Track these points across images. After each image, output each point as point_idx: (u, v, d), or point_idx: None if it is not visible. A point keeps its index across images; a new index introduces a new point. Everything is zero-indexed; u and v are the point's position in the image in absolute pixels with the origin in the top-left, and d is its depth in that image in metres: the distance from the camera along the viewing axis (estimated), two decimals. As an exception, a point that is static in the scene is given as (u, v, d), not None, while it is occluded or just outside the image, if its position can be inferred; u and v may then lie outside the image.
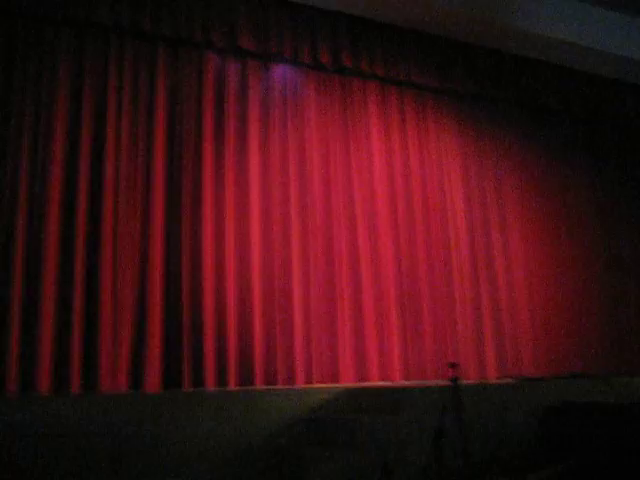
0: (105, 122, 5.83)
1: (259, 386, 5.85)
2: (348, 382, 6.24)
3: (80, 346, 5.33)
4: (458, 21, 7.26)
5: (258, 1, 6.56)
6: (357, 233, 6.74)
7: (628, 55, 8.17)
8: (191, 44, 6.33)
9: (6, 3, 5.58)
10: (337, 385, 6.02)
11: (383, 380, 6.50)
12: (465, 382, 6.27)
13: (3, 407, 4.52)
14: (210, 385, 5.69)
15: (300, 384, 6.04)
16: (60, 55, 5.80)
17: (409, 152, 7.34)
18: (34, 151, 5.56)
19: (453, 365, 4.58)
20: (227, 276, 5.99)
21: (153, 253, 5.75)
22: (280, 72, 6.83)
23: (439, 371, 6.72)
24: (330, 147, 6.86)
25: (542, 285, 7.83)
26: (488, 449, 5.10)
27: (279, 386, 5.92)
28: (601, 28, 8.03)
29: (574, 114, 8.50)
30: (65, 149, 5.65)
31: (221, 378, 5.79)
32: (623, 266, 8.42)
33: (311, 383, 6.11)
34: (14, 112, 5.55)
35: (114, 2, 5.88)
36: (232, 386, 5.76)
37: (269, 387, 5.80)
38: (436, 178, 7.44)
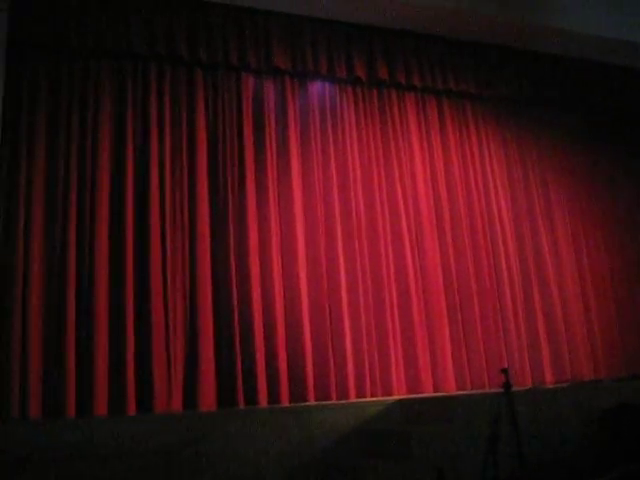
0: (149, 150, 5.97)
1: (312, 402, 5.86)
2: (401, 395, 6.19)
3: (134, 369, 5.45)
4: (491, 26, 7.25)
5: (291, 20, 6.66)
6: (403, 244, 6.72)
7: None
8: (228, 67, 6.45)
9: (49, 37, 5.78)
10: (389, 397, 5.99)
11: (436, 392, 6.43)
12: (518, 388, 6.21)
13: (62, 429, 4.67)
14: (263, 403, 5.72)
15: (352, 399, 6.01)
16: (103, 86, 5.98)
17: (452, 160, 7.31)
18: (82, 183, 5.72)
19: (504, 371, 4.53)
20: (275, 293, 6.04)
21: (202, 275, 5.84)
22: (317, 89, 6.90)
23: (493, 380, 6.62)
24: (372, 160, 6.88)
25: (595, 288, 7.70)
26: (543, 453, 5.02)
27: (331, 401, 5.92)
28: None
29: (620, 113, 8.36)
30: (111, 178, 5.81)
31: (273, 395, 5.82)
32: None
33: (363, 397, 6.08)
34: (61, 149, 5.74)
35: (149, 32, 6.07)
36: (284, 403, 5.79)
37: (321, 402, 5.81)
38: (481, 185, 7.39)
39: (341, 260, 6.40)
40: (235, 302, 5.89)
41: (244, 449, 4.93)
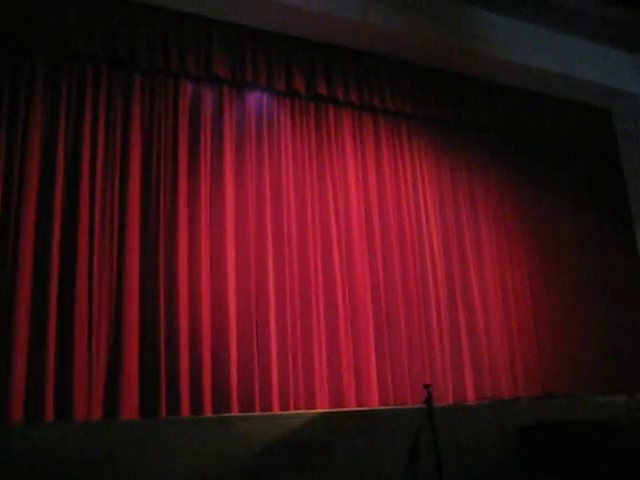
0: (80, 152, 5.83)
1: (234, 413, 5.81)
2: (324, 408, 6.19)
3: (54, 374, 5.28)
4: (429, 48, 7.43)
5: (233, 30, 6.66)
6: (332, 258, 6.75)
7: (599, 81, 8.40)
8: (166, 72, 6.39)
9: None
10: (312, 410, 6.00)
11: (360, 406, 6.46)
12: (440, 404, 6.32)
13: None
14: (185, 413, 5.63)
15: (276, 411, 6.00)
16: (36, 83, 5.83)
17: (384, 178, 7.39)
18: (9, 182, 5.56)
19: (427, 386, 4.61)
20: (202, 303, 5.96)
21: (129, 281, 5.73)
22: (255, 100, 6.91)
23: (417, 395, 6.70)
24: (305, 174, 6.91)
25: (518, 307, 7.91)
26: (463, 468, 5.13)
27: (254, 413, 5.88)
28: (574, 56, 8.23)
29: (550, 140, 8.69)
30: (39, 179, 5.64)
31: (196, 405, 5.72)
32: (599, 288, 8.53)
33: (287, 410, 6.06)
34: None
35: (89, 32, 5.95)
36: (207, 413, 5.70)
37: (243, 414, 5.77)
38: (412, 204, 7.50)
39: (270, 273, 6.38)
40: (162, 310, 5.79)
41: (164, 460, 4.86)
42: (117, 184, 5.94)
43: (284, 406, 6.09)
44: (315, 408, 6.17)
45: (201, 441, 5.01)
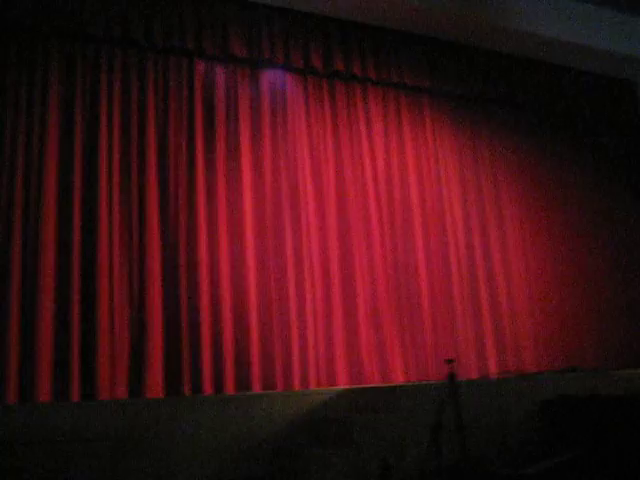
0: (97, 131, 5.86)
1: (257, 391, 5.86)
2: (345, 385, 6.22)
3: (79, 356, 5.37)
4: (450, 22, 7.32)
5: (249, 8, 6.61)
6: (351, 237, 6.75)
7: (622, 52, 8.21)
8: (182, 52, 6.37)
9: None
10: (335, 387, 6.04)
11: (383, 382, 6.49)
12: (463, 379, 6.32)
13: (4, 415, 4.60)
14: (208, 391, 5.71)
15: (297, 389, 6.03)
16: (51, 67, 5.85)
17: (406, 154, 7.36)
18: (28, 169, 5.61)
19: (450, 361, 4.60)
20: (223, 282, 6.00)
21: (151, 263, 5.77)
22: (272, 78, 6.87)
23: (439, 370, 6.72)
24: (322, 151, 6.89)
25: (541, 281, 7.86)
26: (486, 443, 5.13)
27: (277, 390, 5.93)
28: (599, 26, 8.07)
29: (570, 113, 8.55)
30: (58, 163, 5.69)
31: (218, 384, 5.80)
32: (622, 262, 8.45)
33: (308, 387, 6.10)
34: (8, 123, 5.61)
35: (106, 14, 5.95)
36: (229, 392, 5.77)
37: (266, 391, 5.81)
38: (434, 179, 7.46)
39: (289, 252, 6.39)
40: (183, 290, 5.84)
41: (190, 437, 4.93)
42: (135, 168, 5.96)
43: (304, 385, 6.13)
44: (336, 386, 6.20)
45: (225, 418, 5.08)
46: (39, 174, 5.60)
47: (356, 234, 6.79)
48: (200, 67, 6.49)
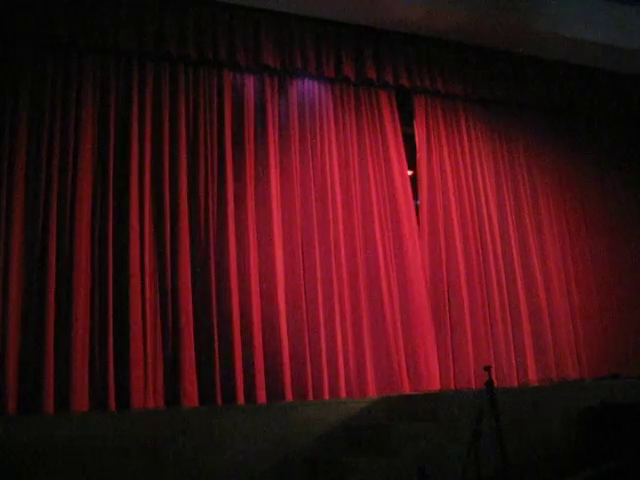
0: (129, 146, 5.93)
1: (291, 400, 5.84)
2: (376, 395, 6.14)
3: (114, 366, 5.41)
4: (481, 28, 7.27)
5: (280, 19, 6.65)
6: (377, 244, 6.68)
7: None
8: (214, 64, 6.43)
9: (35, 26, 5.71)
10: (372, 395, 5.98)
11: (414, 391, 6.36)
12: (503, 386, 6.24)
13: (41, 425, 4.68)
14: (241, 400, 5.69)
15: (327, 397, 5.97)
16: (85, 82, 5.94)
17: (444, 162, 7.33)
18: (63, 180, 5.68)
19: (488, 368, 4.54)
20: (252, 292, 6.00)
21: (182, 272, 5.81)
22: (301, 87, 6.91)
23: (478, 378, 6.62)
24: (353, 159, 6.88)
25: (580, 288, 7.73)
26: (526, 451, 5.06)
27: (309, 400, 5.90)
28: (632, 28, 7.92)
29: (607, 116, 8.43)
30: (93, 176, 5.78)
31: (251, 394, 5.76)
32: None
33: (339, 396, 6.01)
34: (43, 140, 5.70)
35: (137, 28, 6.04)
36: (262, 401, 5.74)
37: (303, 401, 5.79)
38: (471, 186, 7.40)
39: (317, 259, 6.37)
40: (214, 300, 5.87)
41: (225, 446, 4.94)
42: (166, 178, 6.00)
43: (333, 394, 6.03)
44: (367, 395, 6.10)
45: (262, 427, 5.08)
46: (72, 194, 5.66)
47: (387, 244, 6.75)
48: (232, 78, 6.55)
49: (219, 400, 5.60)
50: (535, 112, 8.12)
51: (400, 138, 7.17)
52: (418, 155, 7.24)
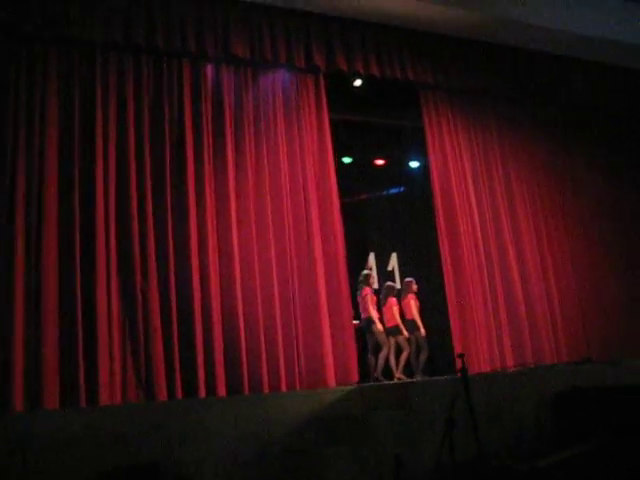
0: (94, 134, 5.86)
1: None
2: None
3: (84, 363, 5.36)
4: (458, 19, 7.31)
5: (249, 9, 6.58)
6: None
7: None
8: (185, 55, 6.37)
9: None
10: (347, 385, 5.98)
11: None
12: (476, 373, 6.29)
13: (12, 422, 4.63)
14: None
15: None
16: (49, 74, 5.85)
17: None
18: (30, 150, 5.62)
19: (461, 356, 4.57)
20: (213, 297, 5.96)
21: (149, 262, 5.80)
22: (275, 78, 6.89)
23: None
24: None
25: (558, 272, 7.86)
26: (500, 436, 5.11)
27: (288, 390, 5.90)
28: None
29: (580, 103, 8.51)
30: (59, 153, 5.73)
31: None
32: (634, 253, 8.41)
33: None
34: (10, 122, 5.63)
35: (107, 21, 5.96)
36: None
37: (279, 392, 5.80)
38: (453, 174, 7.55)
39: (274, 267, 6.33)
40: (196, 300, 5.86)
41: (202, 437, 4.94)
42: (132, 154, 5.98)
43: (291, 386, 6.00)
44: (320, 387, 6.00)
45: (238, 418, 5.09)
46: (39, 190, 5.59)
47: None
48: (204, 69, 6.52)
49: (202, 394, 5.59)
50: (509, 103, 8.20)
51: (326, 124, 7.01)
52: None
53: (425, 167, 7.73)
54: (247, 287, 6.08)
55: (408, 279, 8.04)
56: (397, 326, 7.44)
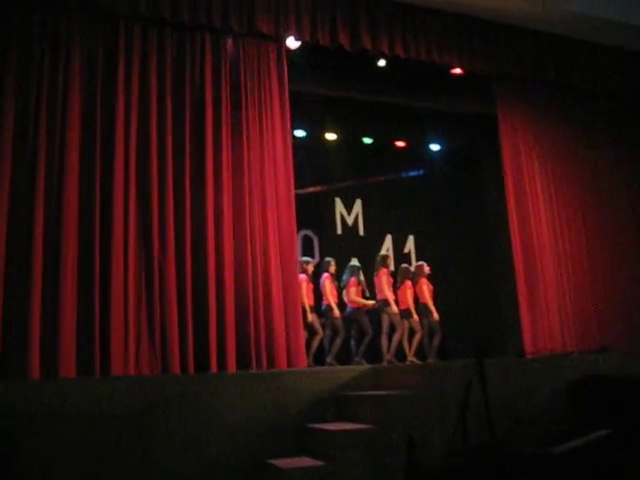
0: (114, 109, 5.87)
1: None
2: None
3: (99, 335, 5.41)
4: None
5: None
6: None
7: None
8: (210, 30, 6.34)
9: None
10: (362, 365, 6.01)
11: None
12: (491, 359, 6.28)
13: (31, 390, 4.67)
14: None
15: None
16: (73, 44, 5.85)
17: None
18: (51, 139, 5.63)
19: (478, 340, 4.58)
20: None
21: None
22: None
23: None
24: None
25: (572, 261, 7.80)
26: (514, 422, 5.11)
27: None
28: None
29: (599, 90, 8.40)
30: (81, 124, 5.74)
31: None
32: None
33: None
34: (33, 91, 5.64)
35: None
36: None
37: (293, 369, 5.82)
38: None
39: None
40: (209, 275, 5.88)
41: (216, 413, 4.97)
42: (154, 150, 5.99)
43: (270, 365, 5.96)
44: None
45: (251, 394, 5.12)
46: (60, 161, 5.61)
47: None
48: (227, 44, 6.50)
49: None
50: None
51: (286, 95, 6.81)
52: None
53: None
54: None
55: (419, 263, 8.04)
56: (408, 309, 7.46)
